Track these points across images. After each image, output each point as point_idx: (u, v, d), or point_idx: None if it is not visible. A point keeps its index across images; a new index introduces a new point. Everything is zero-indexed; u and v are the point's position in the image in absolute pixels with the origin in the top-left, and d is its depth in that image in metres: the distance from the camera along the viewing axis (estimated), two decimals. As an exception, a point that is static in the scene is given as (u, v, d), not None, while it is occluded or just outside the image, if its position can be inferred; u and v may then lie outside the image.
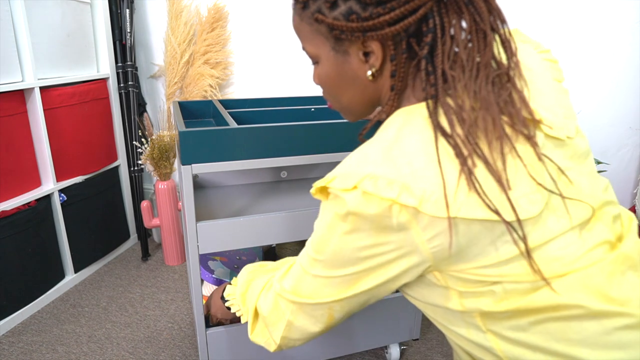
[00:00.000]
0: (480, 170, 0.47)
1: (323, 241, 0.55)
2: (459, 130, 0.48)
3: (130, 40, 1.80)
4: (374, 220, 0.48)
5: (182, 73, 1.84)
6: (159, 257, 1.91)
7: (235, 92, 1.94)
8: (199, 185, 1.36)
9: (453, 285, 0.52)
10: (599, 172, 1.56)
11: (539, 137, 0.51)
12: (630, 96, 1.58)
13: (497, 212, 0.46)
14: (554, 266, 0.49)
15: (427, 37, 0.50)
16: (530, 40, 0.63)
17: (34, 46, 1.42)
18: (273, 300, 0.65)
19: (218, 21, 1.80)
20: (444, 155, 0.47)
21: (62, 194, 1.59)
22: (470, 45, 0.49)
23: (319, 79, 0.61)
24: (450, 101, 0.49)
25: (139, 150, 1.78)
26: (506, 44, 0.51)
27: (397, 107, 0.57)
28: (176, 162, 1.75)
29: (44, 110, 1.47)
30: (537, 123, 0.51)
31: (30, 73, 1.42)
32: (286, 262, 0.69)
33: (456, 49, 0.49)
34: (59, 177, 1.58)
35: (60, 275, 1.65)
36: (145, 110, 1.99)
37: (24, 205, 1.44)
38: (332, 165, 1.57)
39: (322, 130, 1.00)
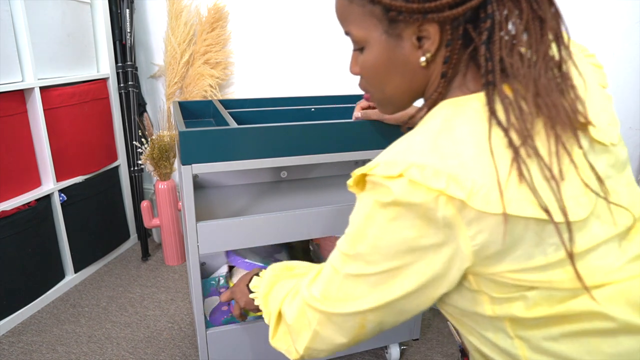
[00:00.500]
0: (532, 165, 0.45)
1: (360, 233, 0.51)
2: (514, 120, 0.46)
3: (130, 40, 1.80)
4: (419, 211, 0.45)
5: (182, 73, 1.84)
6: (159, 257, 1.91)
7: (235, 92, 1.94)
8: (199, 185, 1.36)
9: (486, 289, 0.49)
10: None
11: (585, 140, 0.49)
12: (630, 96, 1.58)
13: (547, 211, 0.43)
14: (595, 275, 0.46)
15: (485, 23, 0.48)
16: (576, 44, 0.62)
17: (34, 46, 1.42)
18: (299, 308, 0.60)
19: (218, 21, 1.80)
20: (496, 146, 0.45)
21: (62, 194, 1.59)
22: (527, 33, 0.47)
23: (362, 67, 0.59)
24: (507, 90, 0.47)
25: (139, 150, 1.78)
26: (558, 37, 0.49)
27: (443, 97, 0.54)
28: (176, 162, 1.75)
29: (44, 110, 1.47)
30: (586, 125, 0.49)
31: (30, 73, 1.42)
32: (316, 266, 0.66)
33: (513, 37, 0.48)
34: (59, 177, 1.58)
35: (60, 275, 1.65)
36: (145, 110, 1.99)
37: (24, 205, 1.44)
38: (332, 165, 1.57)
39: (322, 130, 1.00)
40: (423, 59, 0.52)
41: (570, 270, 0.46)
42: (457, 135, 0.47)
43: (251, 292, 0.79)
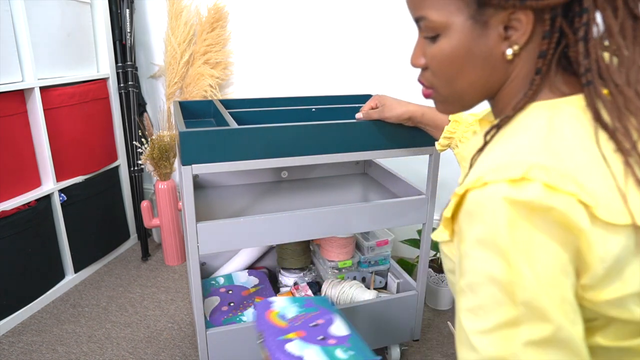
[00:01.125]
0: None
1: (513, 276, 0.39)
2: (618, 124, 0.41)
3: (130, 40, 1.80)
4: (560, 220, 0.38)
5: (182, 73, 1.84)
6: (159, 257, 1.91)
7: (235, 92, 1.94)
8: (198, 185, 1.36)
9: None
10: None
11: None
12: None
13: None
14: None
15: (581, 18, 0.43)
16: None
17: (34, 46, 1.42)
18: None
19: (218, 21, 1.80)
20: (606, 151, 0.41)
21: (62, 194, 1.59)
22: (621, 33, 0.43)
23: (432, 57, 0.51)
24: (606, 90, 0.43)
25: (139, 150, 1.78)
26: None
27: (533, 99, 0.48)
28: (176, 162, 1.75)
29: (44, 110, 1.47)
30: None
31: (30, 73, 1.42)
32: None
33: (604, 37, 0.44)
34: (59, 177, 1.58)
35: (60, 275, 1.65)
36: (145, 110, 1.99)
37: (24, 205, 1.44)
38: (332, 165, 1.57)
39: (322, 131, 1.00)
40: (510, 51, 0.47)
41: None
42: (566, 138, 0.41)
43: None
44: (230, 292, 1.31)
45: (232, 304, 1.24)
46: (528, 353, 0.39)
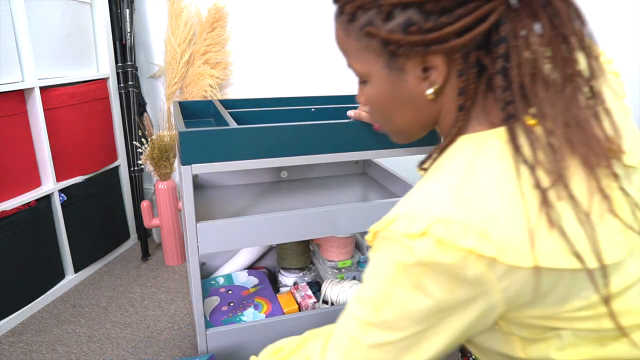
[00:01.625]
0: (564, 208, 0.41)
1: (382, 299, 0.45)
2: (542, 157, 0.41)
3: (130, 40, 1.80)
4: (447, 270, 0.41)
5: (182, 73, 1.84)
6: (159, 257, 1.91)
7: (235, 92, 1.94)
8: (198, 185, 1.36)
9: (517, 331, 0.46)
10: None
11: (619, 169, 0.44)
12: (630, 96, 1.58)
13: (580, 259, 0.40)
14: (634, 315, 0.43)
15: (499, 48, 0.43)
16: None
17: (34, 46, 1.42)
18: None
19: (218, 21, 1.80)
20: (526, 187, 0.41)
21: (62, 194, 1.59)
22: (549, 54, 0.42)
23: (366, 99, 0.54)
24: (531, 122, 0.43)
25: (139, 150, 1.78)
26: (587, 49, 0.43)
27: (462, 131, 0.49)
28: (176, 162, 1.75)
29: (44, 110, 1.47)
30: (620, 153, 0.44)
31: (30, 73, 1.42)
32: (316, 336, 0.58)
33: (534, 60, 0.42)
34: (59, 177, 1.58)
35: (60, 275, 1.65)
36: (145, 110, 1.99)
37: (24, 205, 1.44)
38: (332, 165, 1.57)
39: (322, 130, 1.00)
40: (430, 91, 0.48)
41: (605, 311, 0.42)
42: (482, 181, 0.42)
43: None
44: (230, 292, 1.31)
45: (232, 304, 1.24)
46: (371, 352, 0.47)
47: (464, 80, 0.46)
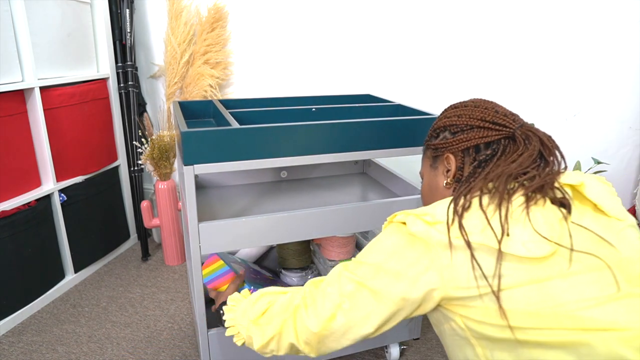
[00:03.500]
0: (473, 211, 0.61)
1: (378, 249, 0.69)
2: (468, 195, 0.64)
3: (130, 40, 1.80)
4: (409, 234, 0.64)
5: (182, 73, 1.84)
6: (159, 257, 1.91)
7: (235, 92, 1.94)
8: (198, 185, 1.36)
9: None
10: (599, 172, 1.56)
11: (587, 212, 0.62)
12: (630, 96, 1.59)
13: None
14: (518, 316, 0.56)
15: (486, 151, 0.70)
16: (593, 176, 0.78)
17: (34, 46, 1.42)
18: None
19: (218, 21, 1.80)
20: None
21: (62, 194, 1.59)
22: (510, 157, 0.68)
23: (422, 190, 0.84)
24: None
25: (139, 150, 1.78)
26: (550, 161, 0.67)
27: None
28: (176, 162, 1.75)
29: (44, 110, 1.47)
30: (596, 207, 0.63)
31: (30, 73, 1.42)
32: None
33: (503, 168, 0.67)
34: (59, 177, 1.58)
35: (60, 275, 1.65)
36: (145, 110, 1.99)
37: (24, 205, 1.44)
38: (332, 165, 1.57)
39: (322, 130, 1.01)
40: (445, 183, 0.75)
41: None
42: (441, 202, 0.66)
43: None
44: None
45: None
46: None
47: (462, 172, 0.73)
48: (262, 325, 0.73)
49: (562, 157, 0.68)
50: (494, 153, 0.69)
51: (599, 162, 1.56)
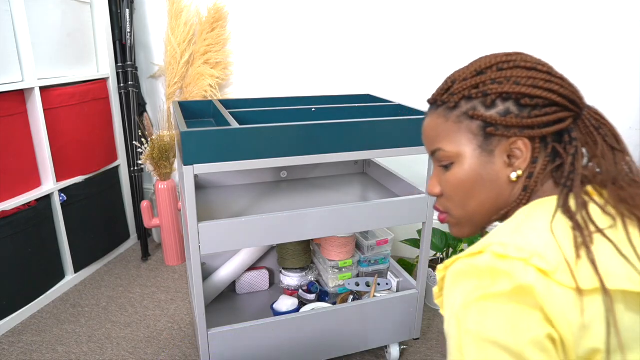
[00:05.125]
0: (601, 245, 0.46)
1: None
2: (584, 213, 0.49)
3: (130, 40, 1.80)
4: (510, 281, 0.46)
5: (182, 73, 1.84)
6: (159, 257, 1.91)
7: (235, 92, 1.94)
8: (198, 185, 1.36)
9: None
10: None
11: None
12: (630, 96, 1.59)
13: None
14: None
15: (571, 146, 0.54)
16: None
17: (34, 46, 1.42)
18: None
19: (218, 21, 1.80)
20: (562, 236, 0.47)
21: (62, 194, 1.59)
22: (601, 159, 0.53)
23: (447, 183, 0.59)
24: (583, 192, 0.52)
25: (139, 150, 1.78)
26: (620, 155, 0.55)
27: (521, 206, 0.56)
28: (176, 162, 1.75)
29: (44, 110, 1.47)
30: None
31: (30, 73, 1.42)
32: None
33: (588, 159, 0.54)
34: (59, 177, 1.58)
35: (60, 275, 1.65)
36: (145, 110, 1.99)
37: (24, 205, 1.44)
38: (332, 164, 1.57)
39: (322, 130, 1.01)
40: (514, 175, 0.55)
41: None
42: (536, 221, 0.49)
43: None
44: None
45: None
46: None
47: (536, 166, 0.55)
48: None
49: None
50: (577, 147, 0.53)
51: (599, 162, 1.56)
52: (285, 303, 1.31)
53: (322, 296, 1.38)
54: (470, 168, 0.56)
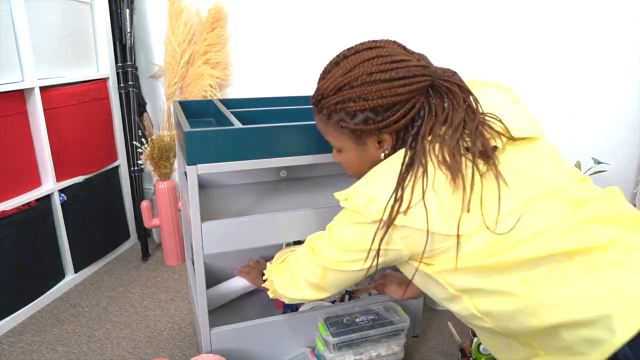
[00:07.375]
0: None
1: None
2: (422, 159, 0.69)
3: (130, 40, 1.80)
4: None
5: (182, 73, 1.84)
6: (159, 257, 1.91)
7: (235, 92, 1.94)
8: (198, 184, 1.36)
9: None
10: (599, 172, 1.56)
11: (499, 141, 0.71)
12: (630, 96, 1.59)
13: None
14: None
15: (417, 122, 0.72)
16: (487, 83, 0.91)
17: (34, 46, 1.42)
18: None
19: (218, 21, 1.80)
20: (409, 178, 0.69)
21: (62, 194, 1.59)
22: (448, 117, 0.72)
23: (341, 160, 0.85)
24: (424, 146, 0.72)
25: (139, 150, 1.78)
26: (469, 101, 0.74)
27: None
28: (176, 162, 1.75)
29: (44, 110, 1.47)
30: (506, 132, 0.72)
31: (31, 73, 1.42)
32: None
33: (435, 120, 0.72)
34: (59, 177, 1.57)
35: (60, 275, 1.64)
36: (145, 110, 1.98)
37: (24, 205, 1.44)
38: (333, 164, 1.57)
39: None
40: (383, 155, 0.77)
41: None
42: (383, 172, 0.73)
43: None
44: None
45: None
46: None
47: (395, 141, 0.76)
48: (280, 271, 0.91)
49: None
50: (422, 121, 0.72)
51: (599, 162, 1.56)
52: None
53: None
54: (352, 154, 0.80)
